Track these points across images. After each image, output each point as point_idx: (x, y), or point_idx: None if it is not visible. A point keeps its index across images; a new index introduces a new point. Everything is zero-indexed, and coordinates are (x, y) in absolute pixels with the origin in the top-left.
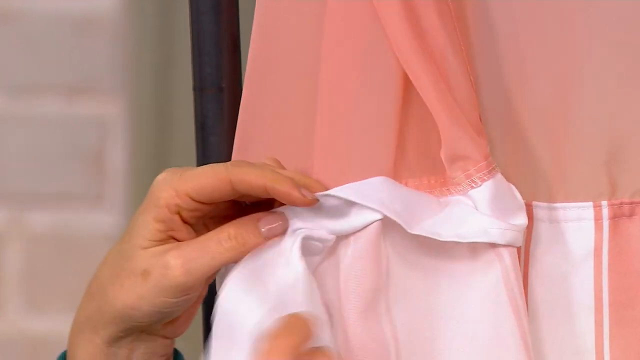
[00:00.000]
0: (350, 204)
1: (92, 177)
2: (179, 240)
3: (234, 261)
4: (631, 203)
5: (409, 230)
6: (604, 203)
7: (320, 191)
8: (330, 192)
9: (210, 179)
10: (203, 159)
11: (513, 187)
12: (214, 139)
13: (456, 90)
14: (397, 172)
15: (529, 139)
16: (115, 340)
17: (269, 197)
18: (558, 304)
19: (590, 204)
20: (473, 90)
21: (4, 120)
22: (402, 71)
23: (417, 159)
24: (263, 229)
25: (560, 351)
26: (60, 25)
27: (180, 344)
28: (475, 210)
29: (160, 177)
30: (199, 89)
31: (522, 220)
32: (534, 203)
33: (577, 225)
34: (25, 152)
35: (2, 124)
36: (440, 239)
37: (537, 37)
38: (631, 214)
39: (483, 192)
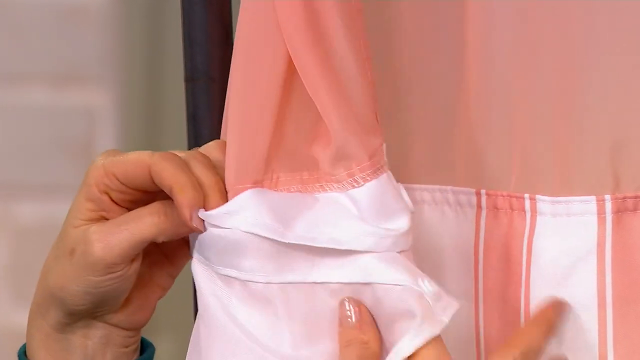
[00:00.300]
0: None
1: (80, 168)
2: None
3: (157, 238)
4: (635, 197)
5: (283, 240)
6: (607, 197)
7: (217, 206)
8: (206, 216)
9: (133, 165)
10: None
11: (402, 188)
12: (206, 129)
13: (349, 87)
14: (268, 166)
15: (532, 132)
16: (64, 325)
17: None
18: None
19: (594, 197)
20: (370, 89)
21: None
22: (289, 61)
23: (292, 154)
24: (191, 213)
25: (563, 348)
26: (48, 13)
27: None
28: (348, 212)
29: (97, 157)
30: (190, 80)
31: (401, 224)
32: (537, 197)
33: (580, 220)
34: (11, 142)
35: None
36: (316, 245)
37: (541, 30)
38: (635, 208)
39: (364, 192)
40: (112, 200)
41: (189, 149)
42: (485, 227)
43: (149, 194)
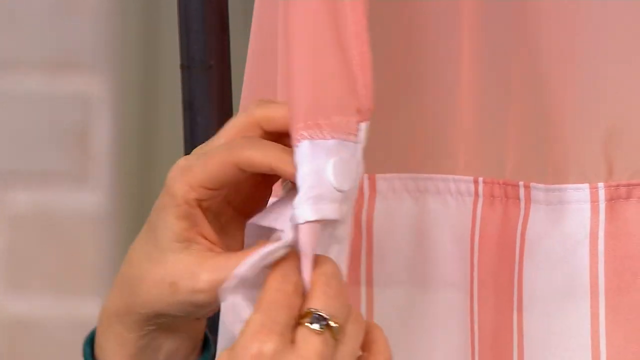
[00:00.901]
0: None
1: (75, 156)
2: (204, 236)
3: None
4: (628, 185)
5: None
6: (601, 185)
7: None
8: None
9: (217, 166)
10: (191, 137)
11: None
12: (202, 117)
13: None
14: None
15: (528, 121)
16: (147, 333)
17: (275, 173)
18: (553, 290)
19: (587, 185)
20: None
21: None
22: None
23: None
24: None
25: (555, 338)
26: (43, 0)
27: None
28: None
29: (171, 174)
30: (187, 67)
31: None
32: (532, 185)
33: (573, 208)
34: (6, 129)
35: None
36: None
37: (537, 22)
38: (628, 196)
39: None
40: (203, 210)
41: (185, 136)
42: (481, 216)
43: (235, 185)
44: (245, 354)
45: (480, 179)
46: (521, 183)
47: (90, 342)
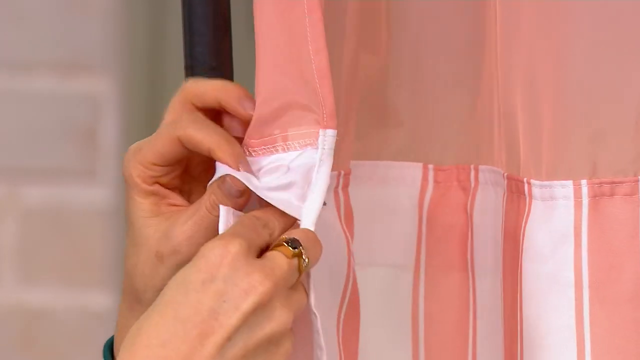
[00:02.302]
0: None
1: (85, 153)
2: (175, 205)
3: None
4: (611, 183)
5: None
6: (584, 182)
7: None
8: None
9: (163, 143)
10: None
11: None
12: None
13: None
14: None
15: (519, 120)
16: None
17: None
18: (543, 280)
19: (571, 182)
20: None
21: None
22: None
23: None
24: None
25: (544, 325)
26: (53, 3)
27: None
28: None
29: (124, 159)
30: (190, 68)
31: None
32: (532, 181)
33: (559, 204)
34: (19, 128)
35: None
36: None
37: (531, 29)
38: (612, 194)
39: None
40: (163, 186)
41: None
42: (506, 208)
43: (189, 160)
44: (210, 255)
45: (505, 174)
46: (525, 179)
47: (109, 347)
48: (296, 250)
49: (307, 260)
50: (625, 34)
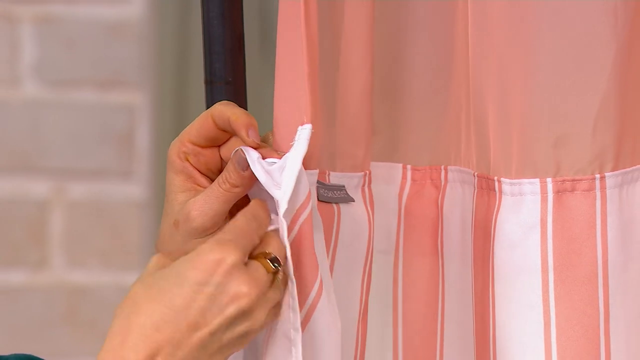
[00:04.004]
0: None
1: (122, 155)
2: (200, 185)
3: (237, 199)
4: (572, 180)
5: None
6: (549, 180)
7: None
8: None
9: (199, 122)
10: None
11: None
12: None
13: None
14: None
15: (489, 125)
16: None
17: (233, 130)
18: (513, 265)
19: (537, 180)
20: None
21: (49, 108)
22: None
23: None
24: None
25: (515, 305)
26: (95, 28)
27: None
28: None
29: (171, 144)
30: (210, 82)
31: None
32: (502, 179)
33: (527, 198)
34: (67, 134)
35: (47, 111)
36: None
37: (502, 38)
38: (572, 189)
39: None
40: (193, 167)
41: None
42: (476, 202)
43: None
44: (207, 259)
45: (476, 173)
46: (495, 177)
47: None
48: (275, 268)
49: (280, 276)
50: (583, 43)
